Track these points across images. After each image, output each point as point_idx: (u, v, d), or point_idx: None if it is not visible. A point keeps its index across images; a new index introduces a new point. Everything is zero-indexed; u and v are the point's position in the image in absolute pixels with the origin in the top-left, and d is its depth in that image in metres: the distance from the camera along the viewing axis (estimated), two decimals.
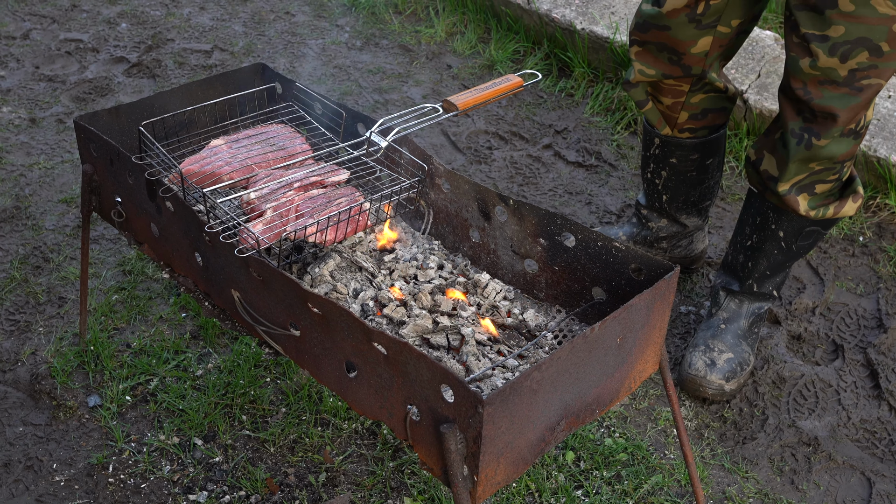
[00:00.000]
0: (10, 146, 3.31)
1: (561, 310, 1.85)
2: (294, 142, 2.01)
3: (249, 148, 1.97)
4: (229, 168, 1.90)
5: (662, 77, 2.28)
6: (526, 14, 3.95)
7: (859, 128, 2.06)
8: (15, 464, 2.15)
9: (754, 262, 2.34)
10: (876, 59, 1.93)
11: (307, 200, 1.82)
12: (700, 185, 2.54)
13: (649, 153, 2.51)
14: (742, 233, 2.35)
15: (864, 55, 1.93)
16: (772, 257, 2.31)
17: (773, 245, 2.28)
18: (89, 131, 2.01)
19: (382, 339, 1.48)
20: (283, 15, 4.43)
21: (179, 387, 2.34)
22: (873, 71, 1.95)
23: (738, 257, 2.38)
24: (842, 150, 2.07)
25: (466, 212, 1.95)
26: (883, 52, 1.93)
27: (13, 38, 4.10)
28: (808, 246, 2.30)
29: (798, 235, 2.25)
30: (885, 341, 2.53)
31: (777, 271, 2.36)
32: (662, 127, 2.42)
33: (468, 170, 3.28)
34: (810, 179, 2.14)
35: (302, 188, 1.85)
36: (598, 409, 1.62)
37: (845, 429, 2.31)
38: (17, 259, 2.76)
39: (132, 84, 3.77)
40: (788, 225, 2.24)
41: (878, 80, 1.97)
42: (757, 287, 2.38)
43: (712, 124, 2.41)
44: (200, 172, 1.89)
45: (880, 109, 3.10)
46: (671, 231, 2.65)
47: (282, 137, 2.02)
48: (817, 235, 2.28)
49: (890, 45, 1.92)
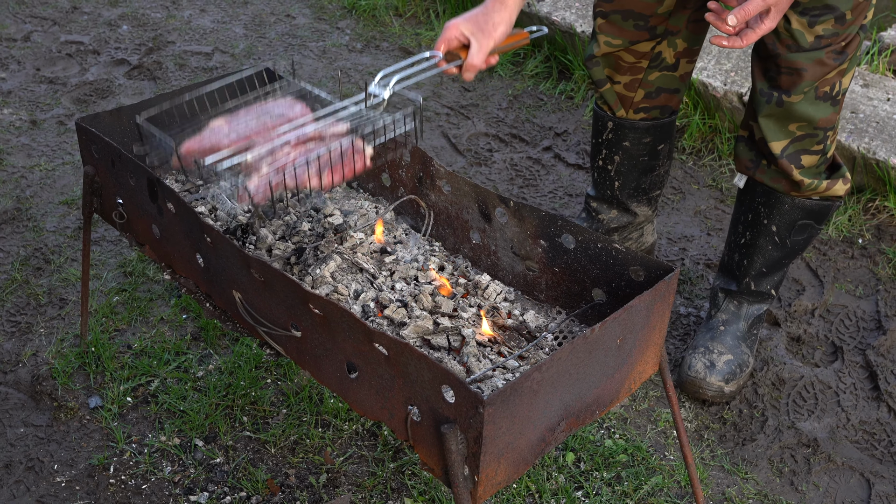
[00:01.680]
0: (10, 148, 3.32)
1: (561, 311, 1.86)
2: (294, 109, 1.96)
3: (248, 121, 1.93)
4: (227, 140, 1.86)
5: (629, 44, 2.31)
6: (526, 17, 3.96)
7: (835, 93, 2.10)
8: (16, 465, 2.15)
9: (749, 259, 2.35)
10: (839, 27, 2.00)
11: (304, 153, 1.77)
12: (651, 171, 2.58)
13: (601, 139, 2.54)
14: (736, 231, 2.37)
15: (829, 22, 2.00)
16: (767, 253, 2.32)
17: (767, 240, 2.30)
18: (91, 133, 2.02)
19: (383, 340, 1.48)
20: (283, 17, 4.44)
21: (180, 388, 2.34)
22: (835, 38, 2.02)
23: (733, 256, 2.39)
24: (819, 114, 2.10)
25: (467, 213, 1.96)
26: (846, 20, 2.00)
27: (14, 40, 4.11)
28: (802, 242, 2.31)
29: (791, 229, 2.27)
30: (885, 343, 2.53)
31: (774, 269, 2.37)
32: (618, 108, 2.46)
33: (468, 172, 3.28)
34: (794, 148, 2.16)
35: (300, 143, 1.81)
36: (598, 409, 1.63)
37: (844, 430, 2.32)
38: (18, 260, 2.76)
39: (133, 86, 3.77)
40: (780, 217, 2.26)
41: (840, 42, 2.03)
42: (754, 286, 2.38)
43: (665, 105, 2.44)
44: (200, 149, 1.86)
45: (879, 112, 3.11)
46: (621, 222, 2.67)
47: (281, 106, 1.98)
48: (811, 230, 2.29)
49: (853, 12, 1.99)
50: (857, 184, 3.08)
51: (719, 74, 3.34)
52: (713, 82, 3.32)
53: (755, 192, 2.28)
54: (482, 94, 3.79)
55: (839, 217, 2.99)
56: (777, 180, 2.22)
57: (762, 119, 2.15)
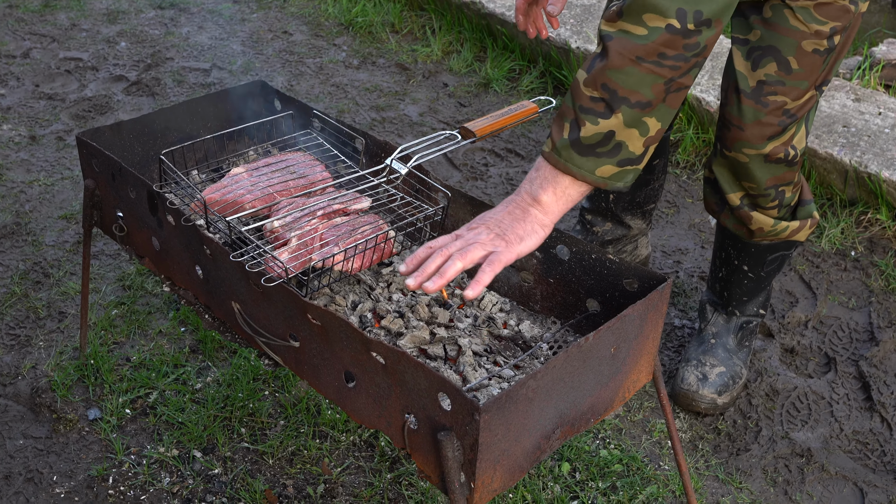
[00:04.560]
0: (10, 163, 3.34)
1: (556, 321, 1.88)
2: (314, 169, 2.04)
3: (270, 176, 1.99)
4: (251, 196, 1.93)
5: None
6: (521, 33, 4.00)
7: (790, 157, 2.02)
8: (15, 476, 2.16)
9: (729, 292, 2.39)
10: (783, 76, 1.91)
11: (331, 228, 1.83)
12: (645, 185, 2.60)
13: None
14: (714, 265, 2.40)
15: (772, 66, 1.91)
16: (743, 287, 2.36)
17: (741, 276, 2.33)
18: (92, 147, 2.04)
19: (381, 349, 1.50)
20: (280, 34, 4.47)
21: (179, 400, 2.36)
22: (780, 87, 1.92)
23: (714, 286, 2.44)
24: (768, 175, 2.04)
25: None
26: (791, 68, 1.90)
27: (13, 57, 4.14)
28: (777, 268, 2.33)
29: (762, 265, 2.29)
30: (877, 354, 2.56)
31: (754, 295, 2.40)
32: None
33: (464, 186, 3.31)
34: (749, 201, 2.13)
35: (325, 216, 1.87)
36: (592, 417, 1.65)
37: (838, 440, 2.34)
38: (18, 274, 2.78)
39: (131, 102, 3.80)
40: (749, 259, 2.28)
41: (783, 97, 1.93)
42: (739, 312, 2.42)
43: None
44: (222, 201, 1.91)
45: (870, 126, 3.14)
46: (616, 234, 2.69)
47: (302, 165, 2.05)
48: (782, 259, 2.30)
49: (798, 62, 1.89)
50: (850, 197, 3.11)
51: (713, 90, 3.38)
52: (707, 97, 3.36)
53: (725, 232, 2.29)
54: (478, 108, 3.82)
55: (832, 230, 3.02)
56: (739, 227, 2.20)
57: (715, 167, 2.11)
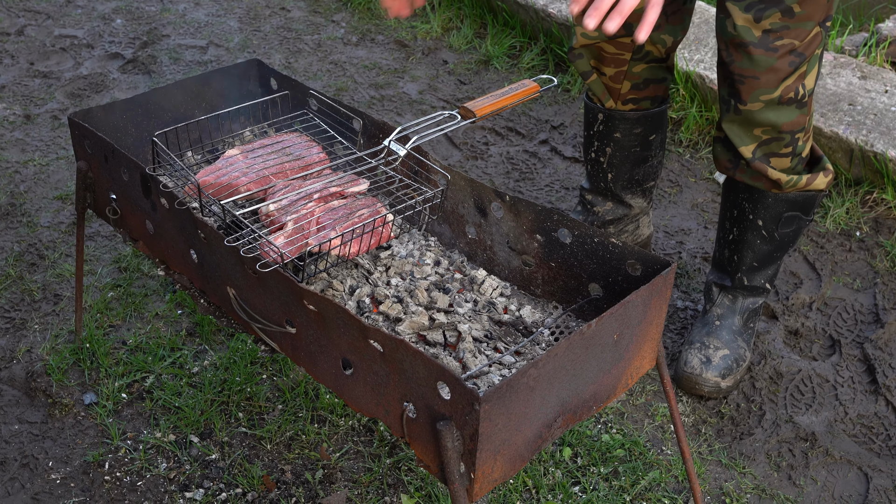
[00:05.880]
0: (4, 143, 3.30)
1: (558, 306, 1.85)
2: (311, 151, 1.99)
3: (265, 158, 1.95)
4: (246, 179, 1.89)
5: (607, 37, 2.29)
6: (522, 9, 3.95)
7: (800, 97, 2.07)
8: (11, 462, 2.14)
9: (739, 255, 2.34)
10: (788, 20, 1.97)
11: (328, 212, 1.80)
12: (644, 162, 2.56)
13: (593, 131, 2.53)
14: (724, 227, 2.35)
15: (776, 16, 1.96)
16: (756, 248, 2.31)
17: (755, 235, 2.29)
18: (84, 128, 2.00)
19: (378, 337, 1.47)
20: (278, 11, 4.42)
21: (175, 384, 2.33)
22: (786, 31, 1.98)
23: (723, 252, 2.38)
24: (783, 119, 2.08)
25: (463, 208, 1.95)
26: (794, 12, 1.96)
27: (7, 34, 4.09)
28: (791, 234, 2.29)
29: (778, 221, 2.25)
30: (882, 336, 2.53)
31: (765, 263, 2.35)
32: (606, 99, 2.45)
33: (464, 166, 3.27)
34: (762, 151, 2.15)
35: (322, 199, 1.83)
36: (594, 405, 1.62)
37: (842, 424, 2.31)
38: (12, 256, 2.75)
39: (127, 80, 3.76)
40: (765, 212, 2.24)
41: (791, 40, 1.99)
42: (747, 281, 2.37)
43: (654, 96, 2.43)
44: (217, 184, 1.88)
45: (877, 104, 3.10)
46: (617, 214, 2.66)
47: (298, 147, 2.00)
48: (799, 222, 2.27)
49: (801, 5, 1.96)
50: (855, 176, 3.07)
51: (716, 67, 3.33)
52: (710, 74, 3.31)
53: (738, 188, 2.27)
54: (478, 86, 3.77)
55: (837, 210, 2.98)
56: (757, 179, 2.20)
57: (725, 124, 2.15)
